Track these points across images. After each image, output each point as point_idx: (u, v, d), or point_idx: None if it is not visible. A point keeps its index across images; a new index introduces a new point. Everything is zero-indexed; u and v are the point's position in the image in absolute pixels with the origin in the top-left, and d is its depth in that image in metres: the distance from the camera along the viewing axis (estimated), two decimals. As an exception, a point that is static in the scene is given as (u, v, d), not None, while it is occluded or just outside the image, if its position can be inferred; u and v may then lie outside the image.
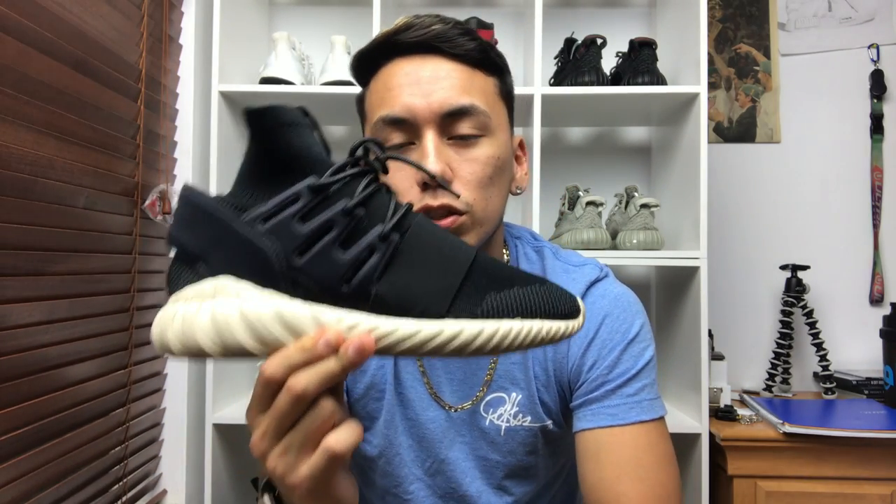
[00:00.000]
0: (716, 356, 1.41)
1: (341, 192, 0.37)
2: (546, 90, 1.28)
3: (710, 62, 1.64)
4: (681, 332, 1.34)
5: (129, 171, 1.13)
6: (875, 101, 1.60)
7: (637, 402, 0.62)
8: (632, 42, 1.36)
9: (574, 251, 0.74)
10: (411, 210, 0.39)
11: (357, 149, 0.39)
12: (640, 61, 1.32)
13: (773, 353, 1.51)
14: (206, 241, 0.38)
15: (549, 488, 0.73)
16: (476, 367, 0.68)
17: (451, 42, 0.60)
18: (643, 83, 1.30)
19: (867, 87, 1.61)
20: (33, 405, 0.87)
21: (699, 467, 1.21)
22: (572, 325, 0.38)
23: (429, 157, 0.57)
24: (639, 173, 1.60)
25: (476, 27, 1.35)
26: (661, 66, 1.34)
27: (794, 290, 1.49)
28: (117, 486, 1.10)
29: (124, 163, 1.11)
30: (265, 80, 1.29)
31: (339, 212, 0.36)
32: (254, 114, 0.37)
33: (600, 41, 1.36)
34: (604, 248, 1.28)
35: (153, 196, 1.17)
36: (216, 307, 0.36)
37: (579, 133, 1.63)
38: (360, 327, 0.35)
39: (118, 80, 1.09)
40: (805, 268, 1.50)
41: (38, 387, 0.89)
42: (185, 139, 1.31)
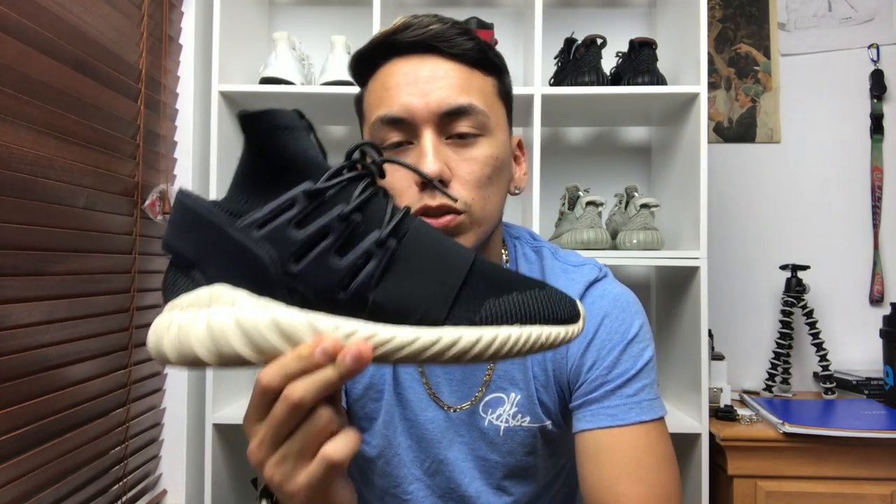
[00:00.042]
0: (716, 356, 1.41)
1: (337, 196, 0.37)
2: (546, 90, 1.28)
3: (710, 62, 1.64)
4: (681, 332, 1.34)
5: (129, 171, 1.13)
6: (875, 101, 1.60)
7: (637, 403, 0.62)
8: (632, 42, 1.36)
9: (573, 251, 0.74)
10: (409, 214, 0.39)
11: (353, 152, 0.39)
12: (640, 61, 1.32)
13: (773, 353, 1.51)
14: (201, 247, 0.37)
15: (549, 489, 0.73)
16: (475, 367, 0.68)
17: (449, 42, 0.60)
18: (643, 83, 1.30)
19: (867, 87, 1.61)
20: (33, 405, 0.87)
21: (699, 467, 1.21)
22: (572, 329, 0.38)
23: (427, 156, 0.57)
24: (639, 173, 1.60)
25: (476, 27, 1.35)
26: (661, 66, 1.34)
27: (794, 290, 1.49)
28: (117, 486, 1.10)
29: (124, 163, 1.11)
30: (265, 80, 1.29)
31: (336, 217, 0.36)
32: (249, 117, 0.36)
33: (600, 41, 1.35)
34: (604, 248, 1.28)
35: (153, 196, 1.17)
36: (211, 316, 0.35)
37: (579, 133, 1.63)
38: (358, 335, 0.35)
39: (118, 80, 1.09)
40: (805, 268, 1.50)
41: (38, 387, 0.89)
42: (185, 139, 1.31)
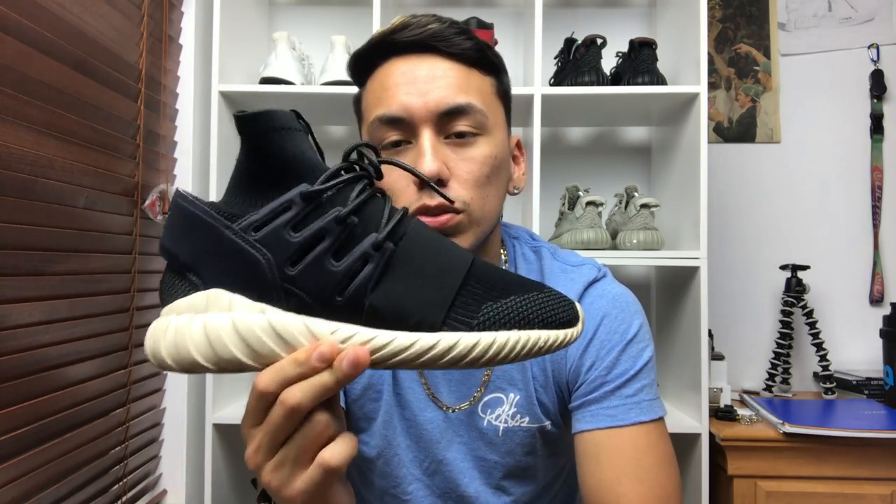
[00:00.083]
0: (716, 356, 1.41)
1: (334, 199, 0.36)
2: (546, 90, 1.28)
3: (710, 62, 1.64)
4: (681, 332, 1.34)
5: (129, 171, 1.13)
6: (875, 101, 1.60)
7: (636, 403, 0.62)
8: (632, 42, 1.36)
9: (572, 251, 0.74)
10: (406, 215, 0.39)
11: (350, 153, 0.39)
12: (640, 61, 1.32)
13: (773, 353, 1.51)
14: (198, 250, 0.37)
15: (549, 489, 0.73)
16: (474, 367, 0.68)
17: (448, 41, 0.60)
18: (643, 83, 1.29)
19: (867, 87, 1.61)
20: (33, 405, 0.87)
21: (699, 467, 1.21)
22: (571, 332, 0.37)
23: (425, 156, 0.57)
24: (639, 173, 1.60)
25: (476, 27, 1.35)
26: (661, 66, 1.34)
27: (794, 290, 1.49)
28: (117, 486, 1.10)
29: (124, 163, 1.11)
30: (265, 80, 1.29)
31: (332, 220, 0.35)
32: (245, 119, 0.36)
33: (600, 41, 1.35)
34: (604, 248, 1.28)
35: (153, 196, 1.17)
36: (208, 320, 0.35)
37: (579, 133, 1.63)
38: (355, 339, 0.34)
39: (118, 80, 1.09)
40: (805, 268, 1.50)
41: (38, 387, 0.89)
42: (185, 139, 1.31)
